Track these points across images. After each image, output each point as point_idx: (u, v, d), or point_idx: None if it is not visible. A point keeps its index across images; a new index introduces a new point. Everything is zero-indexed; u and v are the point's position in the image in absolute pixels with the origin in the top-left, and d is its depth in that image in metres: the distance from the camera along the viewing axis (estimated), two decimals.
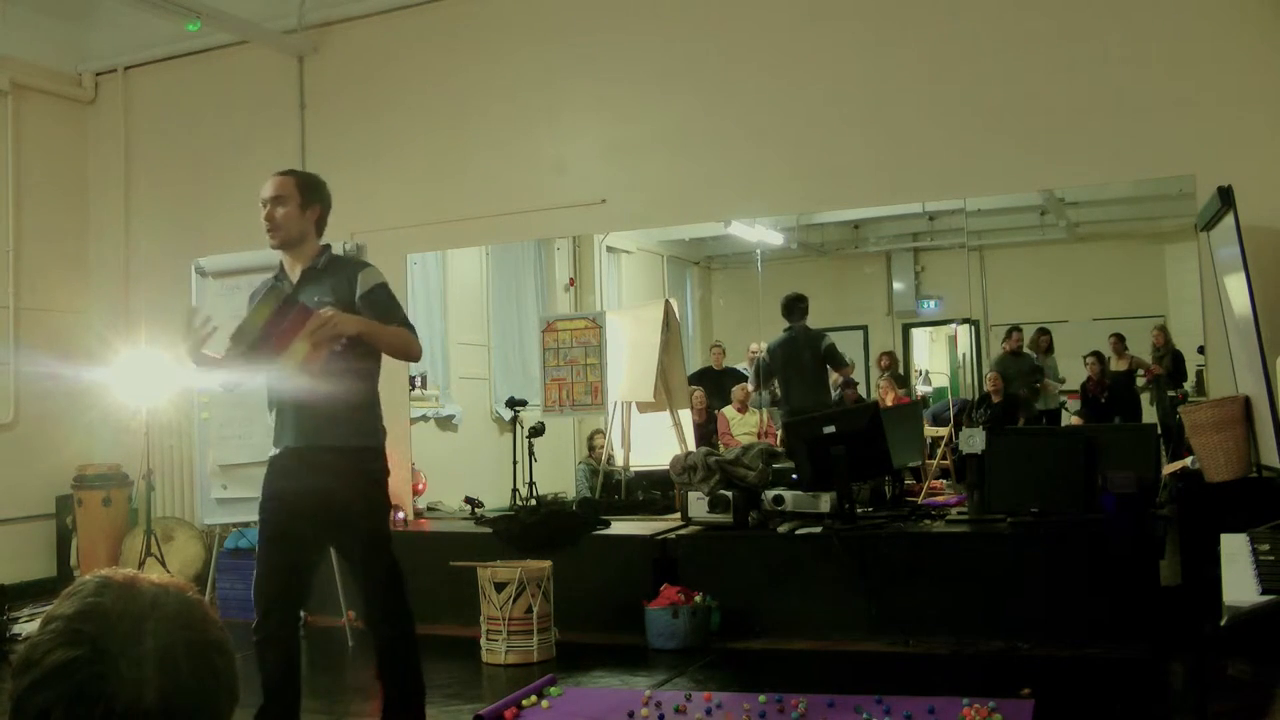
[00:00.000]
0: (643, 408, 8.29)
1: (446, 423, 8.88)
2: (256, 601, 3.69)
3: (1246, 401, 4.92)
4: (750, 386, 8.54)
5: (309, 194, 3.80)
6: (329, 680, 5.32)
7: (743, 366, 9.59)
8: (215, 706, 1.10)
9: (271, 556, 3.69)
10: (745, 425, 8.68)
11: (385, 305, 3.73)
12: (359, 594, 3.81)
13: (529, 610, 5.35)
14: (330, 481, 3.63)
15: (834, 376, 8.36)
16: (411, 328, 3.79)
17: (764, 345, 9.65)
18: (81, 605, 1.08)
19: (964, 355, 9.31)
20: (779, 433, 8.34)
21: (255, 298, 3.86)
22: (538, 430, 8.01)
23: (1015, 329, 8.27)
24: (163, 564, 6.58)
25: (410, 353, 3.84)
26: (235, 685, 1.14)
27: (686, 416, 8.42)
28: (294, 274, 3.79)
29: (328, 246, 3.88)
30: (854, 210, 8.40)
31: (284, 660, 3.68)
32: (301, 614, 4.05)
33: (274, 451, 3.77)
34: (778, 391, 8.32)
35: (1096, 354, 8.19)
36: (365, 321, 3.62)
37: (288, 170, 3.88)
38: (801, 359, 7.84)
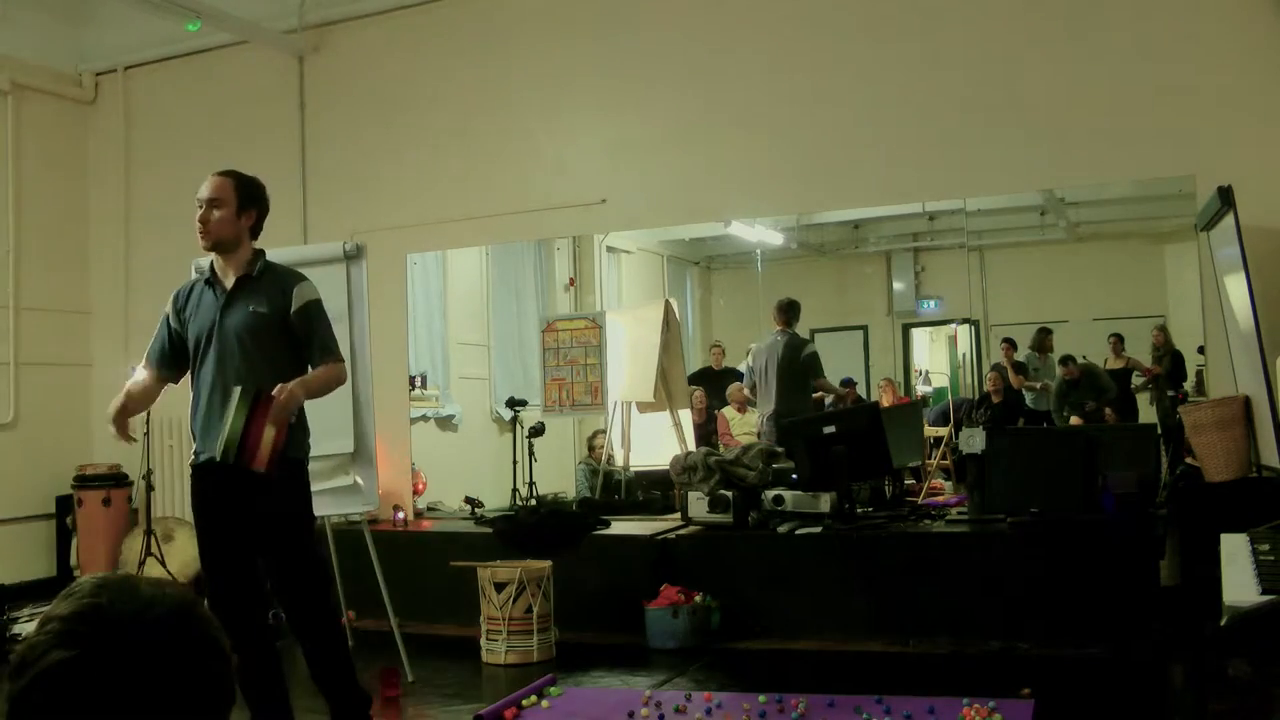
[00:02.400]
0: (643, 408, 8.28)
1: (446, 423, 8.88)
2: (213, 608, 3.67)
3: (1246, 401, 4.92)
4: (746, 389, 8.53)
5: (247, 198, 3.76)
6: None
7: (743, 366, 9.59)
8: (211, 707, 1.11)
9: (215, 566, 3.73)
10: (745, 425, 8.67)
11: (312, 324, 3.75)
12: (284, 597, 3.81)
13: (529, 610, 5.35)
14: (253, 495, 3.63)
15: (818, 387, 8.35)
16: (334, 351, 3.78)
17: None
18: (78, 606, 1.08)
19: (964, 355, 9.31)
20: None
21: (181, 298, 3.87)
22: (538, 430, 8.01)
23: (1070, 357, 8.18)
24: (163, 564, 6.57)
25: (339, 383, 3.84)
26: (231, 686, 1.14)
27: (686, 416, 8.42)
28: (227, 279, 3.78)
29: (261, 252, 3.84)
30: (854, 210, 8.40)
31: (257, 663, 3.67)
32: (270, 614, 4.06)
33: (199, 459, 3.77)
34: (751, 394, 8.33)
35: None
36: (307, 384, 3.65)
37: (227, 171, 3.82)
38: (781, 364, 7.84)
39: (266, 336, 3.72)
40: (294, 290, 3.73)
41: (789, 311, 7.96)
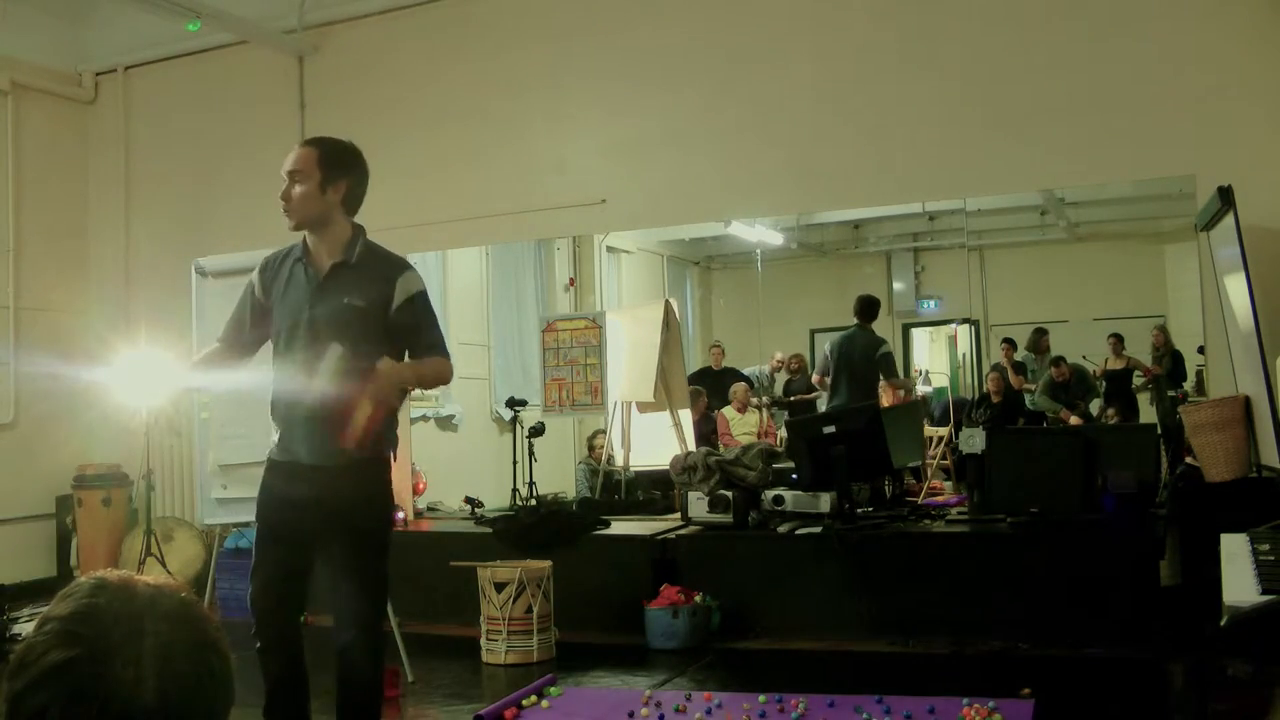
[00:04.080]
0: (643, 408, 8.29)
1: (446, 423, 8.88)
2: (254, 607, 3.49)
3: (1246, 401, 4.91)
4: (815, 378, 8.46)
5: (332, 169, 3.34)
6: (330, 680, 5.30)
7: (753, 370, 9.57)
8: (211, 706, 1.11)
9: (270, 560, 3.48)
10: (745, 425, 8.67)
11: (419, 320, 3.38)
12: (346, 600, 3.49)
13: (529, 610, 5.35)
14: (342, 492, 3.38)
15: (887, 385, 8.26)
16: (443, 346, 3.46)
17: (780, 355, 9.66)
18: (77, 606, 1.08)
19: (964, 355, 9.32)
20: (779, 433, 8.33)
21: (270, 268, 3.49)
22: (538, 430, 8.01)
23: (1061, 359, 8.19)
24: (163, 564, 6.57)
25: (446, 381, 3.56)
26: (231, 685, 1.14)
27: (686, 416, 8.42)
28: (321, 262, 3.40)
29: (360, 230, 3.45)
30: (854, 210, 8.41)
31: (288, 665, 3.60)
32: (303, 615, 3.94)
33: (280, 457, 3.47)
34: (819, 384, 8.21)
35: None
36: (418, 369, 3.36)
37: (313, 139, 3.43)
38: (855, 360, 7.75)
39: (360, 332, 3.32)
40: (398, 281, 3.36)
41: (865, 307, 7.83)
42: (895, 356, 9.66)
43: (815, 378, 8.46)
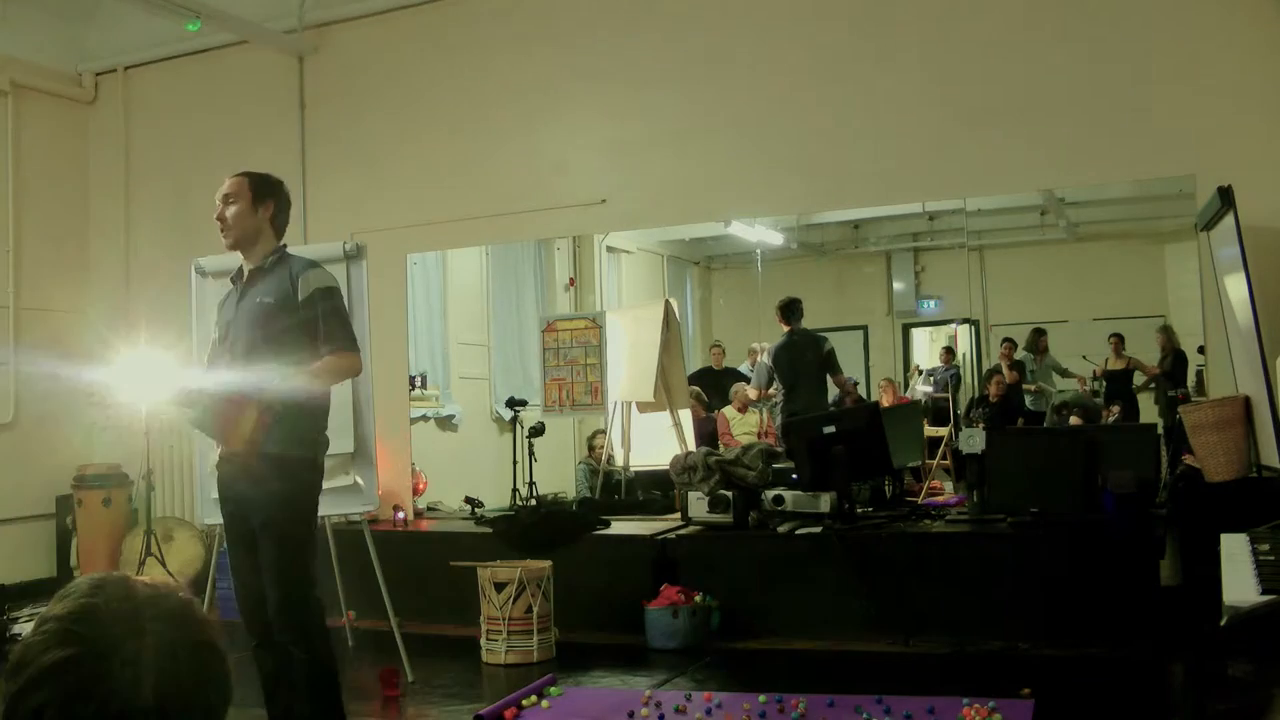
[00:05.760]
0: (643, 408, 8.28)
1: (446, 423, 8.88)
2: (239, 609, 3.68)
3: (1246, 401, 4.91)
4: (753, 392, 8.49)
5: (261, 191, 3.76)
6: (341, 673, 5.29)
7: (745, 367, 9.57)
8: (208, 706, 1.11)
9: (234, 562, 3.72)
10: (745, 425, 8.67)
11: (319, 316, 3.64)
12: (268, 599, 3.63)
13: (529, 610, 5.35)
14: (250, 488, 3.59)
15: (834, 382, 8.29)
16: (338, 341, 3.64)
17: (765, 345, 9.63)
18: (75, 606, 1.08)
19: (964, 355, 9.31)
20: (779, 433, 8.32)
21: (222, 305, 3.87)
22: (538, 430, 8.00)
23: (1072, 410, 8.22)
24: (163, 564, 6.57)
25: (343, 377, 3.78)
26: (228, 685, 1.14)
27: (686, 416, 8.42)
28: (245, 275, 3.80)
29: (282, 246, 3.82)
30: (854, 210, 8.39)
31: (279, 663, 3.64)
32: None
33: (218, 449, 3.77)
34: (777, 395, 8.24)
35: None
36: (280, 389, 3.53)
37: (243, 172, 3.85)
38: (806, 362, 7.79)
39: (274, 328, 3.63)
40: (300, 278, 3.64)
41: (797, 308, 7.89)
42: (894, 356, 9.72)
43: (754, 391, 8.47)
